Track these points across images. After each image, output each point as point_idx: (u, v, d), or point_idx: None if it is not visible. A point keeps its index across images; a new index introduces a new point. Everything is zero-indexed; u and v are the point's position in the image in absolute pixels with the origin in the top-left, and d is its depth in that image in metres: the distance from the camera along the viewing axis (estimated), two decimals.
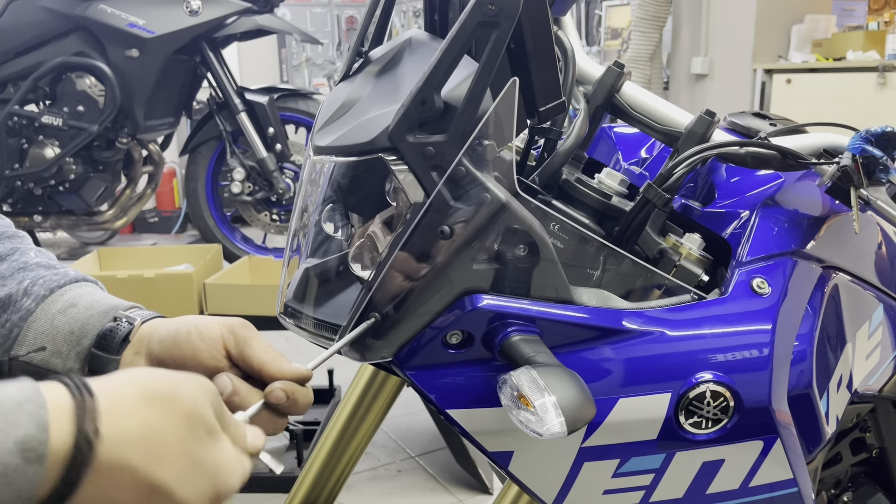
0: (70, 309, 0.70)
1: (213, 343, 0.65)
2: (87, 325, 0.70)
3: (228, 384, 0.63)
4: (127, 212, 4.00)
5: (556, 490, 0.73)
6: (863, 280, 0.93)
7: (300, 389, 0.63)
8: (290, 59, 6.19)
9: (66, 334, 0.69)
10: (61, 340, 0.69)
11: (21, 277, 0.71)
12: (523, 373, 0.62)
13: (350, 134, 0.71)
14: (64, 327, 0.69)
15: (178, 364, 0.65)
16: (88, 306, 0.71)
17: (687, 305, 0.74)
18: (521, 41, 0.69)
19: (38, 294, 0.70)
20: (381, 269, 0.68)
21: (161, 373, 0.53)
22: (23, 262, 0.73)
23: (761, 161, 0.81)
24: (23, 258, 0.73)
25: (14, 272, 0.72)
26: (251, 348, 0.65)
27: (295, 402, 0.63)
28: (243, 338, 0.65)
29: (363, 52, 0.82)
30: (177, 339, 0.66)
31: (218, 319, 0.67)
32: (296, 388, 0.63)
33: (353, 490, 2.08)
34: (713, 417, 0.71)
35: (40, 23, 3.52)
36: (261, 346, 0.65)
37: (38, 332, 0.69)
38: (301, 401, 0.63)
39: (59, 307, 0.70)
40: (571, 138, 0.83)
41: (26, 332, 0.69)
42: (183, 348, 0.65)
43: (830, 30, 4.72)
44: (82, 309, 0.70)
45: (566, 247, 0.71)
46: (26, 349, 0.69)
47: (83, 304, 0.71)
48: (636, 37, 4.89)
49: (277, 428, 0.64)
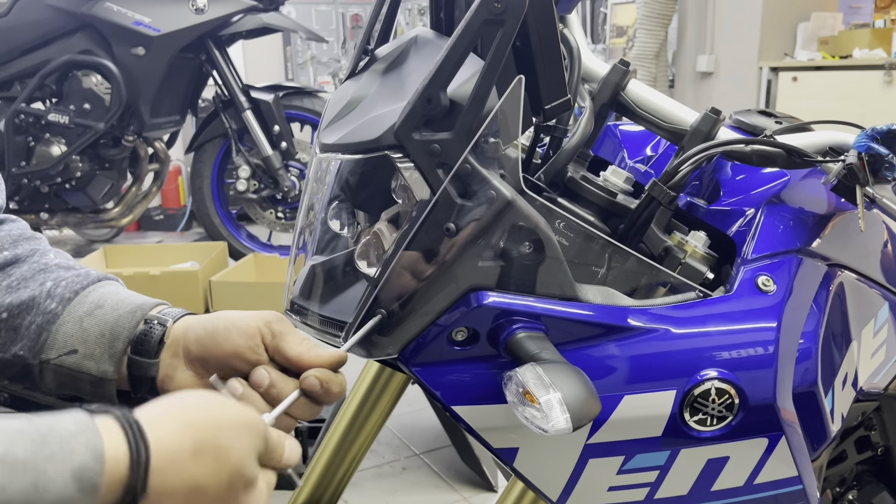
0: (97, 311, 0.71)
1: (251, 338, 0.66)
2: (117, 326, 0.70)
3: (266, 377, 0.65)
4: (133, 209, 4.01)
5: (560, 486, 0.73)
6: (868, 278, 0.93)
7: (334, 377, 0.65)
8: (296, 57, 6.19)
9: (96, 336, 0.70)
10: (92, 343, 0.70)
11: (42, 279, 0.72)
12: (528, 369, 0.62)
13: (356, 131, 0.71)
14: (94, 329, 0.70)
15: (219, 361, 0.67)
16: (115, 307, 0.71)
17: (692, 303, 0.74)
18: (526, 39, 0.69)
19: (62, 296, 0.71)
20: (386, 267, 0.68)
21: (214, 417, 0.53)
22: (43, 264, 0.74)
23: (767, 159, 0.81)
24: (42, 259, 0.74)
25: (35, 274, 0.72)
26: (287, 342, 0.66)
27: (329, 390, 0.65)
28: (280, 332, 0.67)
29: (369, 50, 0.83)
30: (215, 336, 0.67)
31: (253, 314, 0.68)
32: (330, 377, 0.65)
33: (357, 487, 2.09)
34: (718, 415, 0.71)
35: (46, 21, 3.52)
36: (297, 340, 0.67)
37: (67, 335, 0.70)
38: (335, 388, 0.65)
39: (86, 309, 0.71)
40: (577, 136, 0.83)
41: (55, 336, 0.70)
42: (223, 345, 0.67)
43: (837, 27, 4.70)
44: (109, 310, 0.71)
45: (571, 244, 0.72)
46: (56, 352, 0.69)
47: (109, 304, 0.71)
48: (641, 35, 4.88)
49: (314, 413, 0.66)
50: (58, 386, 0.71)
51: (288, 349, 0.66)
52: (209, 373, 0.68)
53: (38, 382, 0.71)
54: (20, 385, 0.71)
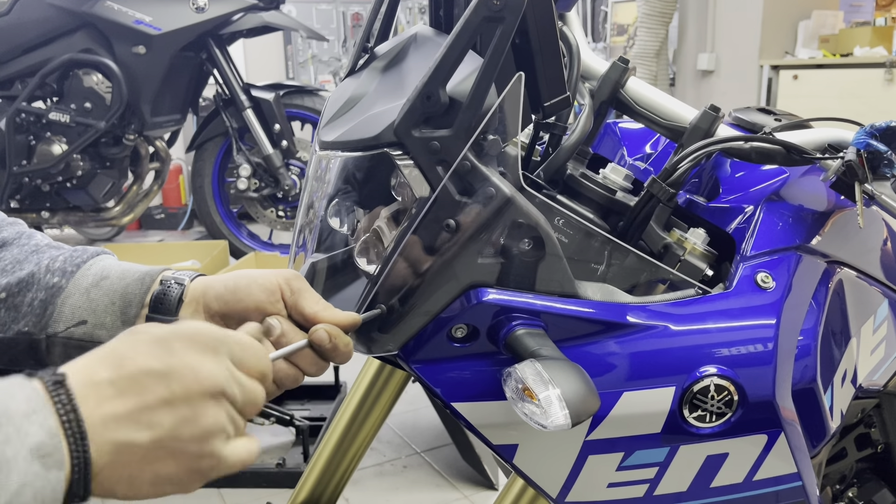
0: (103, 281, 0.72)
1: (272, 294, 0.68)
2: (128, 293, 0.71)
3: (277, 326, 0.66)
4: (134, 208, 4.01)
5: (560, 483, 0.73)
6: (867, 275, 0.93)
7: (342, 336, 0.67)
8: (296, 55, 6.19)
9: (106, 305, 0.71)
10: (102, 312, 0.71)
11: (37, 259, 0.73)
12: (528, 366, 0.62)
13: (356, 129, 0.71)
14: (102, 300, 0.71)
15: (240, 315, 0.68)
16: (121, 276, 0.72)
17: (691, 300, 0.74)
18: (525, 36, 0.69)
19: (63, 270, 0.72)
20: (386, 264, 0.68)
21: (137, 339, 0.52)
22: (34, 245, 0.75)
23: (766, 156, 0.81)
24: (32, 241, 0.75)
25: (28, 255, 0.74)
26: (304, 299, 0.68)
27: (336, 348, 0.66)
28: (298, 289, 0.69)
29: (369, 48, 0.83)
30: (237, 293, 0.69)
31: (273, 271, 0.70)
32: (339, 334, 0.66)
33: (358, 485, 2.09)
34: (717, 411, 0.71)
35: (47, 20, 3.52)
36: (314, 298, 0.69)
37: (75, 307, 0.71)
38: (342, 348, 0.66)
39: (91, 281, 0.72)
40: (576, 133, 0.84)
41: (61, 309, 0.71)
42: (245, 301, 0.68)
43: (837, 26, 4.70)
44: (115, 280, 0.72)
45: (571, 241, 0.72)
46: (64, 325, 0.70)
47: (114, 275, 0.73)
48: (642, 33, 4.88)
49: (319, 370, 0.68)
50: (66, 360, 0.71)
51: (306, 306, 0.68)
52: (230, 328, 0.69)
53: (44, 358, 0.71)
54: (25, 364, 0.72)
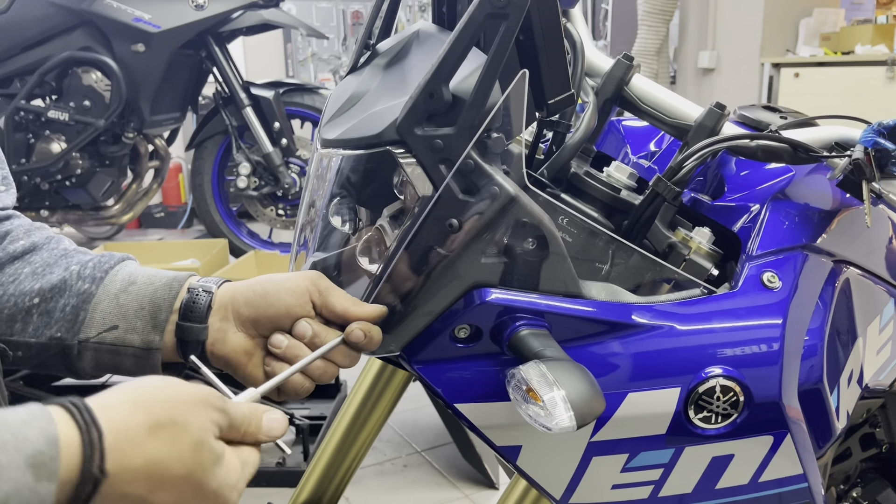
0: (131, 287, 0.73)
1: (301, 296, 0.70)
2: (156, 298, 0.72)
3: (308, 329, 0.69)
4: (133, 207, 4.00)
5: (564, 485, 0.73)
6: (874, 274, 0.93)
7: (374, 329, 0.69)
8: (296, 53, 6.18)
9: (135, 310, 0.72)
10: (132, 317, 0.72)
11: (66, 263, 0.74)
12: (532, 367, 0.62)
13: (358, 127, 0.71)
14: (131, 305, 0.72)
15: (271, 320, 0.70)
16: (148, 281, 0.74)
17: (696, 300, 0.73)
18: (529, 33, 0.69)
19: (93, 276, 0.73)
20: (388, 263, 0.68)
21: (167, 394, 0.53)
22: (63, 250, 0.76)
23: (772, 154, 0.80)
24: (60, 246, 0.77)
25: (57, 259, 0.75)
26: (333, 297, 0.70)
27: (371, 339, 0.69)
28: (325, 288, 0.71)
29: (370, 45, 0.82)
30: (266, 298, 0.71)
31: (299, 274, 0.72)
32: (371, 327, 0.69)
33: (359, 484, 2.08)
34: (723, 412, 0.70)
35: (46, 17, 3.51)
36: (341, 295, 0.71)
37: (106, 313, 0.72)
38: (375, 337, 0.69)
39: (119, 286, 0.73)
40: (580, 131, 0.83)
41: (92, 315, 0.72)
42: (276, 306, 0.70)
43: (839, 23, 4.69)
44: (143, 285, 0.73)
45: (575, 241, 0.71)
46: (96, 330, 0.72)
47: (141, 280, 0.74)
48: (643, 31, 4.86)
49: (353, 361, 0.71)
50: (96, 365, 0.73)
51: (336, 304, 0.70)
52: (260, 333, 0.72)
53: (75, 364, 0.72)
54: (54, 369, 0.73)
